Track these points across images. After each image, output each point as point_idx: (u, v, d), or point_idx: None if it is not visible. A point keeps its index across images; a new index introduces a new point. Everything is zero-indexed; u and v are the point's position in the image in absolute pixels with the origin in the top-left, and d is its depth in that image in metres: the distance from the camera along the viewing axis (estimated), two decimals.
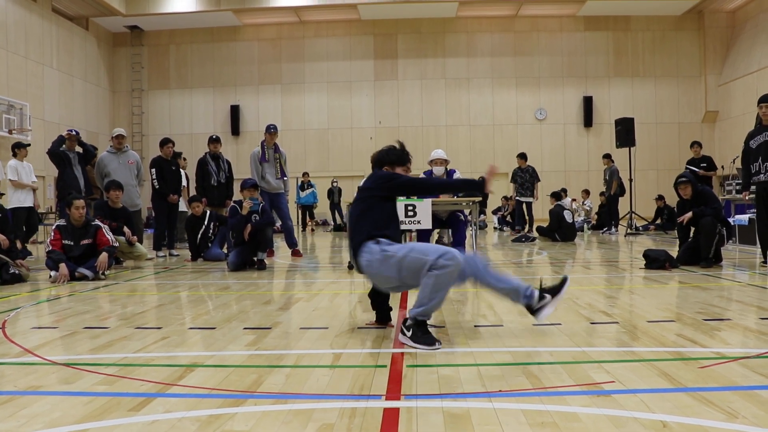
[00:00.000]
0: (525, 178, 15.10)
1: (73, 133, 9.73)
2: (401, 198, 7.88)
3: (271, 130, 9.84)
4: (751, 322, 4.12)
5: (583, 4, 22.83)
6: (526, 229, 14.78)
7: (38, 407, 2.55)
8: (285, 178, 9.97)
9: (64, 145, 9.67)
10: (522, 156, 15.36)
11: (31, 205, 10.61)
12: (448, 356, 3.33)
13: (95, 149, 10.49)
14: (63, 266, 6.96)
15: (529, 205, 15.14)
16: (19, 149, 10.88)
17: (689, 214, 7.56)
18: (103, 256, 7.23)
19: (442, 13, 23.68)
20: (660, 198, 17.31)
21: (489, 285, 3.81)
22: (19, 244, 8.76)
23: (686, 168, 12.49)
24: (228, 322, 4.37)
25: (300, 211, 20.60)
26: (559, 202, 13.62)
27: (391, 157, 4.21)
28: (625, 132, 15.63)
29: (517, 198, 15.40)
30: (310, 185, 20.11)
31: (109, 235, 7.57)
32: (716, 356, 3.19)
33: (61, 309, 5.19)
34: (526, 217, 15.16)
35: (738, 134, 20.30)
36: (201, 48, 24.72)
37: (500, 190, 21.81)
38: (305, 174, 20.45)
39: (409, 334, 3.55)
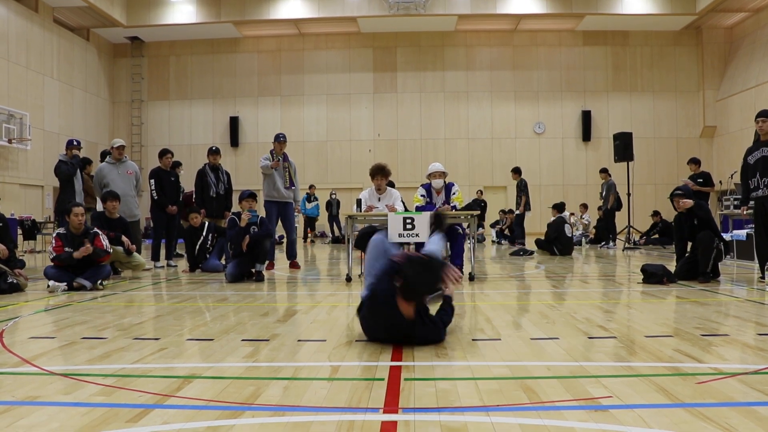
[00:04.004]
0: (517, 192, 15.60)
1: (75, 143, 9.74)
2: (399, 211, 7.90)
3: (281, 139, 9.85)
4: (749, 337, 4.12)
5: (582, 19, 22.99)
6: (517, 243, 14.97)
7: (36, 417, 2.55)
8: (294, 188, 9.93)
9: (65, 155, 9.66)
10: (514, 170, 15.89)
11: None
12: (446, 370, 3.33)
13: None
14: (77, 252, 7.18)
15: (518, 218, 15.50)
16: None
17: (690, 201, 7.56)
18: (87, 246, 7.29)
19: (442, 27, 23.82)
20: (656, 214, 17.35)
21: None
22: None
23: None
24: (226, 334, 4.37)
25: (303, 222, 20.71)
26: (561, 215, 13.65)
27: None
28: (623, 146, 15.67)
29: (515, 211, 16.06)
30: (315, 198, 20.36)
31: (105, 242, 7.60)
32: (714, 372, 3.19)
33: (59, 319, 5.18)
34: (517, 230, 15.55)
35: (736, 149, 20.41)
36: (201, 59, 24.81)
37: (498, 203, 21.88)
38: (312, 186, 20.64)
39: None
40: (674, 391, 2.84)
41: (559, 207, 14.15)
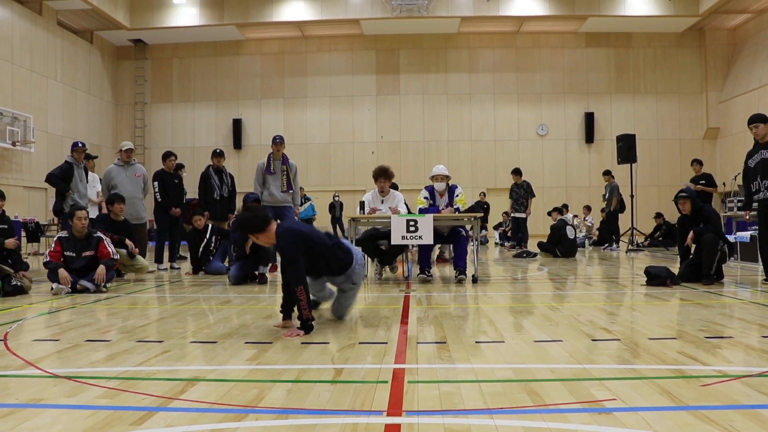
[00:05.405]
0: (520, 194, 15.27)
1: (80, 145, 9.77)
2: (402, 213, 7.90)
3: (277, 141, 9.75)
4: (753, 340, 4.11)
5: (585, 21, 22.98)
6: (522, 246, 14.84)
7: (40, 420, 2.55)
8: (291, 191, 9.81)
9: (72, 157, 9.66)
10: (516, 172, 15.51)
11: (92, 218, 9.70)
12: (450, 372, 3.33)
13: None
14: (62, 270, 7.04)
15: (522, 220, 15.29)
16: (87, 161, 10.68)
17: (691, 235, 7.56)
18: (101, 269, 7.24)
19: (444, 29, 23.83)
20: (659, 216, 17.35)
21: None
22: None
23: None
24: (229, 336, 4.37)
25: None
26: (561, 217, 13.64)
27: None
28: (626, 148, 15.68)
29: (512, 214, 15.72)
30: (307, 199, 20.34)
31: (110, 248, 7.59)
32: (718, 374, 3.19)
33: (62, 321, 5.20)
34: (521, 233, 15.32)
35: (739, 151, 20.35)
36: (204, 62, 24.86)
37: (501, 206, 21.86)
38: (300, 189, 20.60)
39: None
40: (678, 393, 2.84)
41: (559, 209, 14.14)
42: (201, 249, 9.44)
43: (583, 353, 3.75)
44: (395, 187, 8.94)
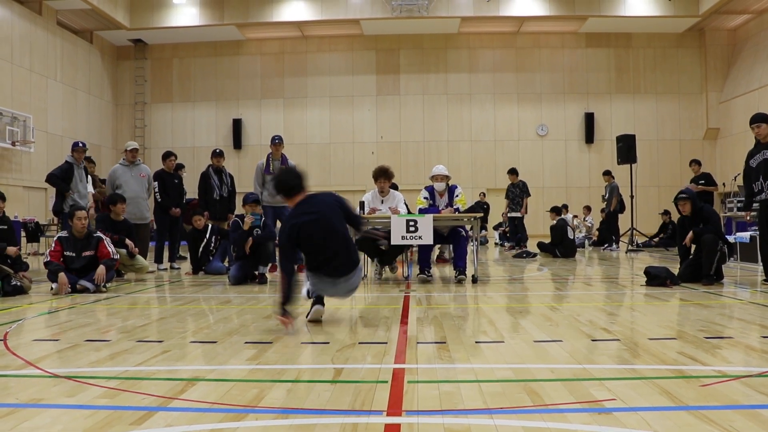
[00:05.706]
0: (516, 193, 15.27)
1: (80, 145, 9.76)
2: (402, 213, 7.90)
3: (276, 141, 9.78)
4: (753, 340, 4.11)
5: (585, 21, 22.97)
6: (522, 246, 14.84)
7: (40, 420, 2.55)
8: None
9: (72, 157, 9.64)
10: (512, 171, 15.53)
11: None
12: (450, 372, 3.33)
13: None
14: (62, 275, 7.01)
15: (519, 220, 15.30)
16: (86, 162, 10.62)
17: (690, 235, 7.56)
18: (101, 269, 7.23)
19: (445, 29, 23.82)
20: (666, 213, 17.35)
21: None
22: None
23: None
24: (229, 336, 4.37)
25: None
26: (561, 217, 13.63)
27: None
28: (626, 148, 15.68)
29: (507, 214, 15.73)
30: None
31: (110, 248, 7.59)
32: (718, 375, 3.19)
33: (62, 321, 5.20)
34: (521, 233, 15.33)
35: (739, 151, 20.36)
36: (204, 62, 24.84)
37: (501, 206, 21.86)
38: None
39: None
40: (678, 393, 2.84)
41: (556, 210, 14.15)
42: (201, 249, 9.44)
43: (583, 353, 3.75)
44: (395, 187, 8.94)
